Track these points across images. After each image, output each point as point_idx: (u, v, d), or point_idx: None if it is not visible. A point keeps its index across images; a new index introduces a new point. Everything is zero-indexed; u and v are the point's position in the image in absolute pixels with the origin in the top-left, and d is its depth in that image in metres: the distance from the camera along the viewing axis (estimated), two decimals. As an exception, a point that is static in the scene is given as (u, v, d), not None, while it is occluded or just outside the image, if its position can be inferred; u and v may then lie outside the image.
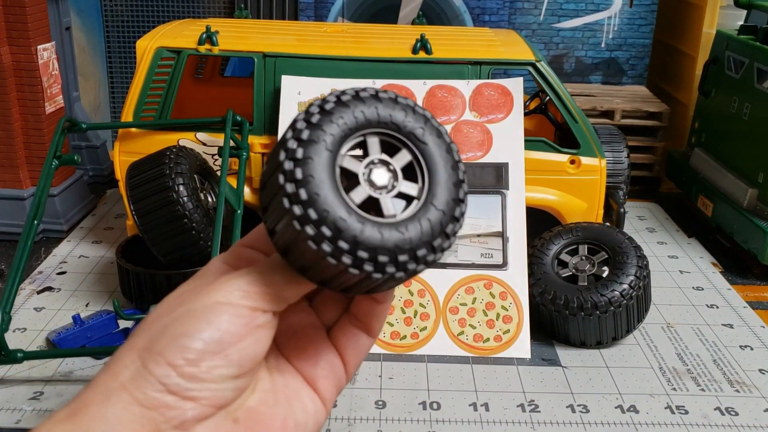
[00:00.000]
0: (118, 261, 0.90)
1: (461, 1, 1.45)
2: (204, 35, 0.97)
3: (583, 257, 0.88)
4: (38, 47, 1.09)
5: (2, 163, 1.10)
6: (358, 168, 0.37)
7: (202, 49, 0.98)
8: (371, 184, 0.37)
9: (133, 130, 0.99)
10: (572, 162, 0.97)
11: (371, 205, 0.37)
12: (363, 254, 0.35)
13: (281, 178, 0.36)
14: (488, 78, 0.96)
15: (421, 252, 0.36)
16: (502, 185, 0.90)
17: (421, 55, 0.97)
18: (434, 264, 0.38)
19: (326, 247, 0.35)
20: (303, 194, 0.35)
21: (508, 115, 0.93)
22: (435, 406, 0.76)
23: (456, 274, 0.87)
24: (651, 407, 0.76)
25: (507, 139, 0.92)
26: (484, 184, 0.90)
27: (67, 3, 1.28)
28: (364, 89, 0.38)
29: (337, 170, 0.36)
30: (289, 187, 0.35)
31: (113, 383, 0.35)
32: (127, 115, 0.98)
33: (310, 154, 0.36)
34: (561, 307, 0.83)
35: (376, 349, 0.84)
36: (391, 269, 0.36)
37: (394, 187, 0.38)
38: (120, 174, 0.98)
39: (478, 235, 0.89)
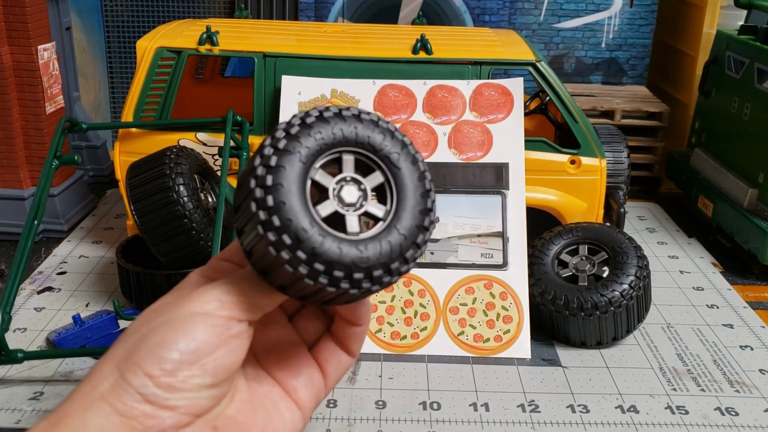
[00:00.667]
0: (118, 261, 0.90)
1: (461, 1, 1.45)
2: (204, 35, 0.97)
3: (584, 257, 0.88)
4: (38, 47, 1.09)
5: (2, 163, 1.10)
6: (330, 183, 0.39)
7: (203, 49, 0.98)
8: (340, 200, 0.39)
9: (134, 130, 0.99)
10: (572, 162, 0.97)
11: (337, 221, 0.38)
12: (319, 266, 0.36)
13: (252, 183, 0.37)
14: (488, 78, 0.96)
15: (377, 272, 0.37)
16: (503, 185, 0.90)
17: (422, 55, 0.97)
18: (388, 285, 0.39)
19: (285, 254, 0.36)
20: (270, 200, 0.36)
21: (508, 115, 0.93)
22: (435, 406, 0.76)
23: (456, 274, 0.87)
24: (651, 407, 0.76)
25: (507, 139, 0.92)
26: (484, 184, 0.90)
27: (68, 3, 1.28)
28: (348, 108, 0.40)
29: (309, 183, 0.38)
30: (258, 192, 0.37)
31: (93, 394, 0.36)
32: (128, 115, 0.98)
33: (283, 163, 0.37)
34: (561, 307, 0.83)
35: (376, 349, 0.84)
36: (345, 285, 0.37)
37: (362, 206, 0.39)
38: (120, 174, 0.98)
39: (479, 235, 0.89)
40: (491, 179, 0.90)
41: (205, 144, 0.99)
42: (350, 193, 0.39)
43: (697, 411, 0.76)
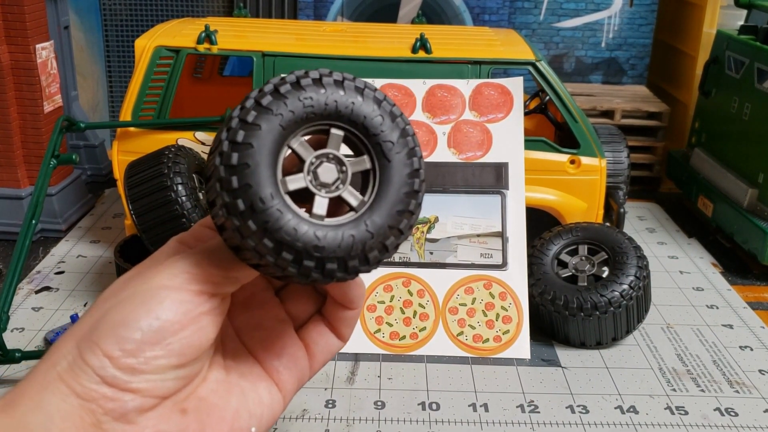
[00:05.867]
0: (116, 260, 0.90)
1: (461, 0, 1.45)
2: (203, 34, 0.97)
3: (583, 257, 0.88)
4: (37, 46, 1.08)
5: (0, 162, 1.10)
6: (308, 155, 0.35)
7: (201, 48, 0.97)
8: (315, 176, 0.35)
9: (132, 129, 0.98)
10: (572, 162, 0.97)
11: (306, 198, 0.35)
12: (267, 243, 0.32)
13: (223, 134, 0.34)
14: (488, 77, 0.95)
15: (330, 265, 0.34)
16: (502, 185, 0.90)
17: (421, 54, 0.96)
18: (342, 280, 0.35)
19: (235, 220, 0.33)
20: (234, 159, 0.33)
21: (507, 114, 0.93)
22: (434, 406, 0.75)
23: (455, 274, 0.87)
24: (651, 408, 0.76)
25: (507, 139, 0.92)
26: (483, 184, 0.90)
27: (66, 2, 1.28)
28: (352, 78, 0.35)
29: (285, 150, 0.34)
30: (225, 146, 0.33)
31: (51, 373, 0.34)
32: (126, 115, 0.98)
33: (259, 122, 0.33)
34: (561, 307, 0.83)
35: (375, 349, 0.84)
36: (292, 269, 0.33)
37: (338, 188, 0.35)
38: (118, 173, 0.98)
39: (478, 235, 0.88)
40: (491, 179, 0.90)
41: (203, 143, 0.98)
42: (327, 173, 0.35)
43: (697, 411, 0.75)
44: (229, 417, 0.38)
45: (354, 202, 0.35)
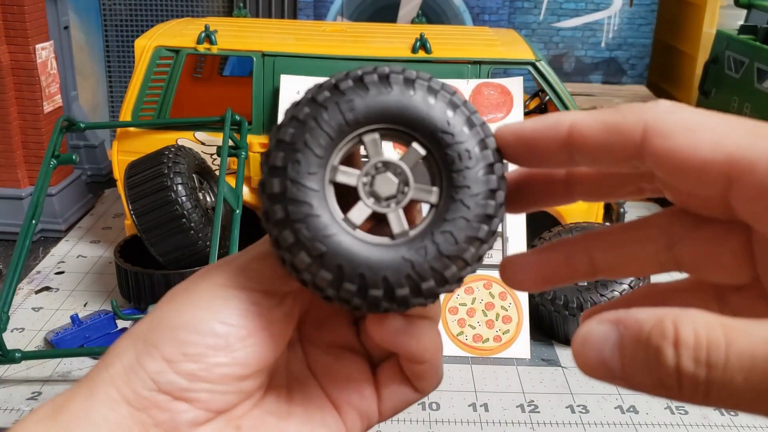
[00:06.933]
0: (116, 261, 0.90)
1: (461, 0, 1.45)
2: (203, 34, 0.97)
3: (583, 257, 0.88)
4: (37, 46, 1.08)
5: (0, 163, 1.10)
6: (376, 157, 0.30)
7: (201, 48, 0.97)
8: (371, 181, 0.30)
9: (132, 129, 0.98)
10: (572, 162, 0.96)
11: (348, 198, 0.31)
12: (287, 235, 0.29)
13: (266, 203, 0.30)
14: (488, 77, 0.95)
15: (374, 291, 0.29)
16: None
17: (421, 54, 0.96)
18: (387, 311, 0.31)
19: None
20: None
21: (507, 114, 0.93)
22: (434, 406, 0.75)
23: (455, 274, 0.87)
24: (650, 407, 0.76)
25: (507, 139, 0.91)
26: (483, 184, 0.90)
27: (66, 2, 1.28)
28: (429, 77, 0.31)
29: (330, 189, 0.30)
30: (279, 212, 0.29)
31: (103, 375, 0.31)
32: (126, 115, 0.98)
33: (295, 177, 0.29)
34: (561, 307, 0.83)
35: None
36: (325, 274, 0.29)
37: (387, 207, 0.30)
38: (118, 173, 0.98)
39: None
40: (491, 179, 0.90)
41: (203, 143, 0.98)
42: (387, 184, 0.30)
43: (697, 411, 0.75)
44: None
45: (396, 229, 0.30)
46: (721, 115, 0.27)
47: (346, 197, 0.31)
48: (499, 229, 0.25)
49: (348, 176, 0.30)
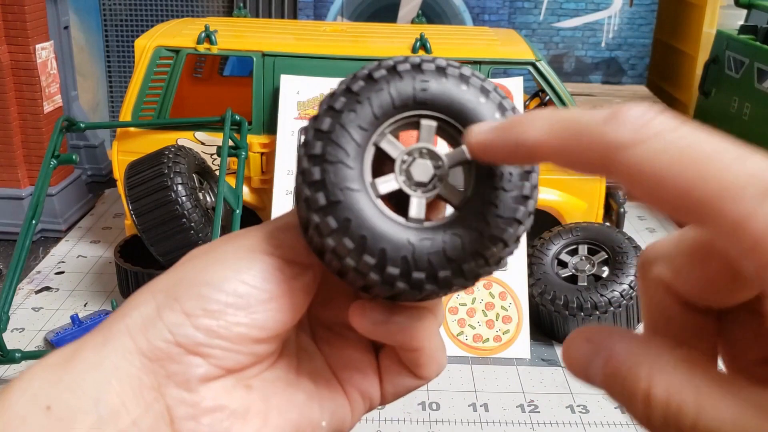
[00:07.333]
0: (116, 261, 0.90)
1: (461, 0, 1.45)
2: (203, 34, 0.97)
3: (583, 257, 0.88)
4: (37, 46, 1.08)
5: (0, 163, 1.10)
6: (397, 152, 0.31)
7: (201, 48, 0.97)
8: (408, 176, 0.31)
9: (132, 129, 0.98)
10: (572, 162, 0.96)
11: (404, 202, 0.31)
12: (347, 242, 0.30)
13: (302, 151, 0.31)
14: (488, 77, 0.95)
15: (417, 275, 0.30)
16: (502, 185, 0.90)
17: (421, 54, 0.96)
18: (430, 294, 0.31)
19: (315, 217, 0.30)
20: (317, 173, 0.30)
21: (507, 114, 0.93)
22: (434, 406, 0.75)
23: (455, 274, 0.87)
24: (651, 408, 0.76)
25: (507, 139, 0.91)
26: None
27: (66, 2, 1.28)
28: (459, 65, 0.32)
29: (371, 149, 0.31)
30: (305, 162, 0.30)
31: (119, 325, 0.31)
32: (126, 115, 0.98)
33: (339, 126, 0.30)
34: (561, 307, 0.83)
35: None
36: (374, 276, 0.30)
37: (435, 188, 0.31)
38: (118, 173, 0.98)
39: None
40: (491, 179, 0.90)
41: (203, 143, 0.98)
42: (422, 170, 0.31)
43: (697, 411, 0.75)
44: (299, 402, 0.34)
45: (414, 213, 0.31)
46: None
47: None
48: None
49: (392, 147, 0.31)
